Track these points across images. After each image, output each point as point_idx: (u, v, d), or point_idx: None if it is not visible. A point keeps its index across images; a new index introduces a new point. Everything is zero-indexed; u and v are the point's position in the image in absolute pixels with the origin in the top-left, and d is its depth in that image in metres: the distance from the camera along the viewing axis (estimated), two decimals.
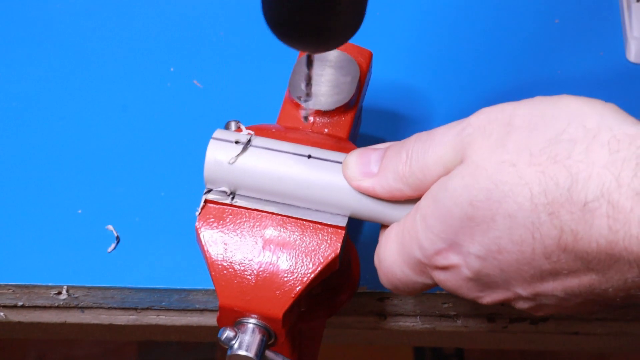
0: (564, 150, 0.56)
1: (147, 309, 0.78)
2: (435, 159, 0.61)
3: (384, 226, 0.66)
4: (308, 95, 0.68)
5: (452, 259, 0.61)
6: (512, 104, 0.59)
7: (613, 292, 0.58)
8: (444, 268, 0.62)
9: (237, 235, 0.67)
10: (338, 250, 0.66)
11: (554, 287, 0.59)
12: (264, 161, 0.66)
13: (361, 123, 0.80)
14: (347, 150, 0.67)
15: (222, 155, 0.66)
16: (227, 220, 0.67)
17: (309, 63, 0.66)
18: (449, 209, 0.59)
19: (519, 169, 0.57)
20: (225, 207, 0.68)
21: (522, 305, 0.62)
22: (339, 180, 0.65)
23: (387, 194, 0.64)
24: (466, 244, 0.59)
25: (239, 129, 0.68)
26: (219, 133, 0.68)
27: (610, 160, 0.55)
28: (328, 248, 0.66)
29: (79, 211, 0.80)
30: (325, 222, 0.66)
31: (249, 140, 0.67)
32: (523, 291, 0.60)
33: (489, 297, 0.62)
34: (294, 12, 0.59)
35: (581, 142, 0.56)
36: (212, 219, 0.67)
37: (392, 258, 0.64)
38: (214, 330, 0.67)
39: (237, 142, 0.67)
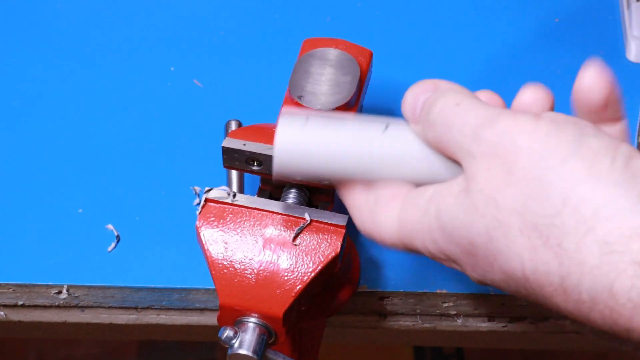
0: (554, 237, 0.53)
1: (148, 308, 0.78)
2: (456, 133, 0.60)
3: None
4: None
5: (453, 265, 0.61)
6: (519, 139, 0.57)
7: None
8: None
9: (238, 234, 0.67)
10: (338, 249, 0.66)
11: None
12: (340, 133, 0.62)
13: None
14: None
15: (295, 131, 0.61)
16: (228, 219, 0.67)
17: None
18: (452, 238, 0.58)
19: (512, 232, 0.55)
20: (225, 206, 0.68)
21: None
22: (416, 146, 0.63)
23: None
24: (468, 269, 0.59)
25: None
26: (286, 110, 0.64)
27: (603, 262, 0.52)
28: (328, 247, 0.66)
29: (80, 210, 0.80)
30: (326, 221, 0.66)
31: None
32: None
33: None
34: None
35: (573, 234, 0.53)
36: (213, 218, 0.67)
37: (391, 228, 0.62)
38: (215, 330, 0.67)
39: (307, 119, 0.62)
